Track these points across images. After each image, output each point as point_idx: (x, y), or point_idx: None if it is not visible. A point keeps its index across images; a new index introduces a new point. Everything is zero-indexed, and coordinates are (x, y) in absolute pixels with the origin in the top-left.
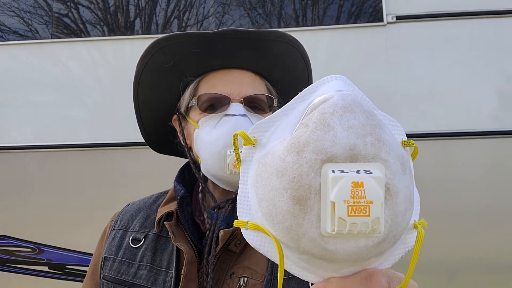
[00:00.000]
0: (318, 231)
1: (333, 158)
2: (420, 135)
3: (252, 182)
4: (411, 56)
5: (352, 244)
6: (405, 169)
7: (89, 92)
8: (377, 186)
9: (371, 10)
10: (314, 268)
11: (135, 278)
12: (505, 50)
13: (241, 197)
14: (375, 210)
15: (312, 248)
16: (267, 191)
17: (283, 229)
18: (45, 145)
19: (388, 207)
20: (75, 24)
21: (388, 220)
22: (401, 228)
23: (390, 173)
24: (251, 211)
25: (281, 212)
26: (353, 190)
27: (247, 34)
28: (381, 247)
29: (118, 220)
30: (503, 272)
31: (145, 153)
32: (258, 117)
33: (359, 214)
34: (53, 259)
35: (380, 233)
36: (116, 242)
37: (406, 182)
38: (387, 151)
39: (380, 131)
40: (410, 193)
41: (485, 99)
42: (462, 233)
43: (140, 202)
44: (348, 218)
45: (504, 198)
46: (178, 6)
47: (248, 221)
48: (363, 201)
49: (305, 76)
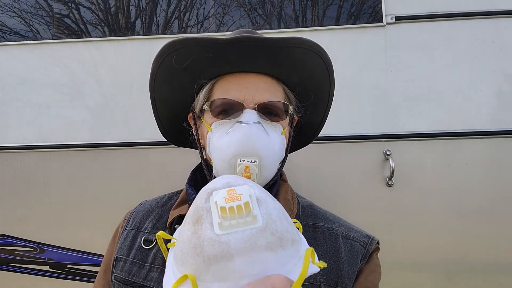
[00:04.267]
0: (213, 232)
1: (215, 189)
2: (419, 135)
3: (171, 261)
4: (411, 56)
5: (239, 234)
6: (274, 200)
7: (90, 92)
8: (244, 190)
9: (370, 10)
10: (225, 282)
11: (146, 280)
12: (504, 50)
13: (166, 281)
14: (245, 197)
15: (212, 248)
16: (179, 242)
17: (191, 250)
18: (46, 145)
19: (261, 207)
20: (76, 25)
21: (264, 216)
22: (280, 228)
23: (257, 190)
24: (171, 279)
25: (187, 239)
26: (228, 192)
27: (262, 41)
28: (266, 236)
29: (130, 220)
30: (503, 272)
31: (147, 153)
32: (273, 124)
33: (233, 200)
34: (54, 258)
35: (257, 221)
36: (128, 243)
37: (276, 205)
38: (253, 186)
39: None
40: (284, 213)
41: (485, 99)
42: (461, 233)
43: (153, 202)
44: (226, 205)
45: (504, 198)
46: (179, 7)
47: (171, 285)
48: (235, 194)
49: (325, 80)
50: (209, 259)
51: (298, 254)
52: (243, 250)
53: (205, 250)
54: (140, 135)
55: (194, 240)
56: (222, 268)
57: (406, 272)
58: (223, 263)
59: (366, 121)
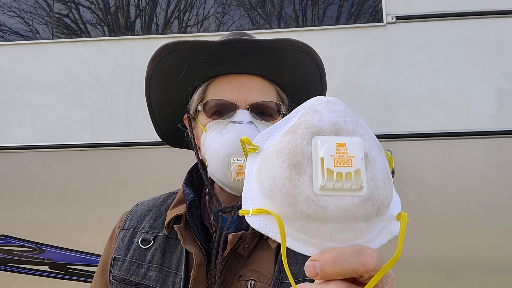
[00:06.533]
0: (311, 189)
1: (320, 131)
2: (419, 135)
3: (255, 176)
4: (411, 56)
5: (340, 200)
6: (381, 150)
7: (90, 92)
8: (357, 146)
9: (370, 10)
10: (310, 237)
11: (144, 279)
12: (504, 50)
13: (246, 193)
14: (357, 162)
15: (307, 207)
16: (268, 171)
17: (282, 196)
18: (46, 145)
19: (368, 171)
20: (76, 25)
21: (370, 182)
22: (382, 196)
23: (367, 144)
24: (254, 201)
25: (280, 181)
26: (337, 148)
27: (253, 43)
28: (366, 207)
29: (127, 220)
30: (503, 272)
31: (146, 153)
32: (266, 123)
33: (343, 165)
34: (54, 258)
35: (363, 188)
36: (126, 243)
37: (383, 160)
38: (364, 130)
39: (356, 116)
40: (388, 172)
41: (485, 99)
42: (462, 233)
43: (149, 203)
44: (334, 168)
45: (504, 198)
46: (178, 7)
47: (252, 208)
48: (346, 156)
49: (317, 80)
50: (301, 214)
51: (387, 217)
52: (340, 219)
53: (299, 205)
54: (140, 135)
55: (287, 187)
56: (312, 226)
57: (406, 272)
58: (315, 223)
59: (366, 121)
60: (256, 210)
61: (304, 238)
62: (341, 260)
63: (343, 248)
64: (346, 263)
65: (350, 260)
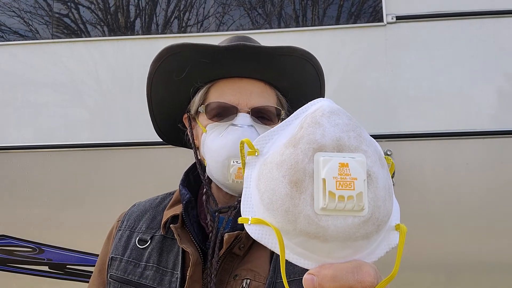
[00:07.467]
0: (312, 209)
1: (323, 147)
2: (419, 135)
3: (254, 183)
4: (411, 56)
5: (341, 221)
6: (383, 165)
7: (90, 92)
8: (360, 167)
9: (371, 10)
10: (309, 252)
11: (141, 278)
12: (504, 50)
13: (245, 198)
14: (359, 185)
15: (307, 226)
16: (268, 183)
17: (282, 212)
18: (46, 145)
19: (370, 190)
20: (76, 24)
21: (371, 202)
22: (382, 214)
23: (370, 161)
24: (253, 209)
25: (280, 196)
26: (340, 168)
27: (257, 49)
28: (366, 227)
29: (124, 221)
30: (503, 272)
31: (146, 153)
32: (266, 127)
33: (345, 188)
34: (54, 259)
35: (364, 210)
36: (123, 242)
37: (385, 175)
38: (367, 145)
39: (360, 130)
40: (389, 186)
41: (485, 99)
42: (461, 233)
43: (146, 203)
44: (336, 191)
45: (504, 198)
46: (178, 7)
47: (251, 217)
48: (349, 178)
49: (316, 86)
50: (301, 232)
51: (386, 228)
52: (340, 238)
53: (299, 223)
54: (140, 135)
55: (288, 204)
56: (311, 243)
57: (406, 272)
58: (314, 241)
59: (366, 121)
60: (255, 219)
61: (302, 252)
62: (339, 277)
63: (341, 264)
64: (344, 280)
65: (348, 277)
